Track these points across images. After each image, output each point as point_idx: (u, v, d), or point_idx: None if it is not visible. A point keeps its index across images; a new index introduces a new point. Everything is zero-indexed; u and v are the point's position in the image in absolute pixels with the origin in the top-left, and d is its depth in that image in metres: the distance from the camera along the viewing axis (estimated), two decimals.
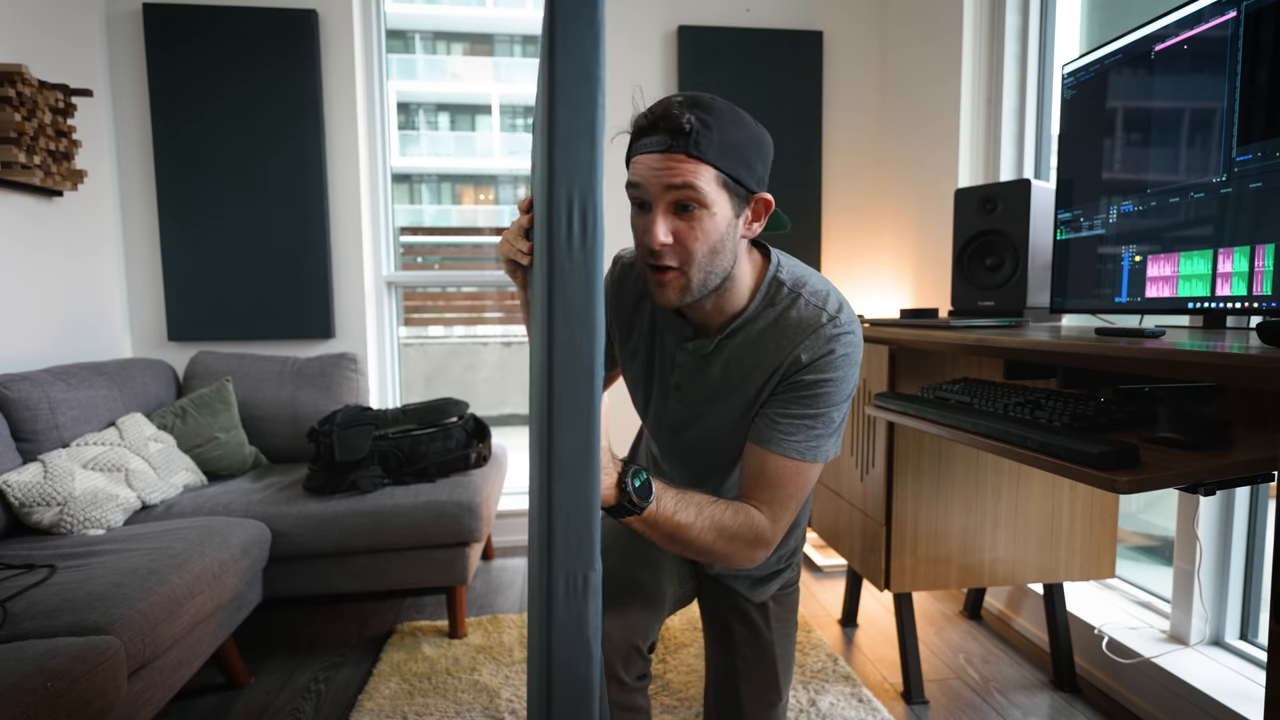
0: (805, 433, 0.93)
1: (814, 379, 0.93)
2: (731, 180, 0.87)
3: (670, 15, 2.61)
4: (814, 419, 0.93)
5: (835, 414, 0.95)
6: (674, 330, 1.04)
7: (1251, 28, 1.03)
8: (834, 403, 0.94)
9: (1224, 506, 1.52)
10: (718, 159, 0.85)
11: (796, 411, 0.93)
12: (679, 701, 1.64)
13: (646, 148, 0.86)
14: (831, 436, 0.96)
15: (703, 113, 0.85)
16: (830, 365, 0.93)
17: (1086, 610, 1.79)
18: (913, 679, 1.67)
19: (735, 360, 0.98)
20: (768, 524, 0.93)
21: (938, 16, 2.34)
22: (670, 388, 1.06)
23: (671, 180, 0.85)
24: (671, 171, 0.85)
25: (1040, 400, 1.12)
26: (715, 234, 0.88)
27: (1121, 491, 0.84)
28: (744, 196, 0.91)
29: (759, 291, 0.98)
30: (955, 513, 1.68)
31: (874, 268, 2.77)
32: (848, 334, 0.94)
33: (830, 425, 0.95)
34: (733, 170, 0.87)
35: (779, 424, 0.94)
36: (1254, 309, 1.05)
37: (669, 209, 0.87)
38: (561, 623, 0.65)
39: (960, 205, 1.80)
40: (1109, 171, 1.33)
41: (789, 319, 0.95)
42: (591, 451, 0.63)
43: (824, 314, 0.95)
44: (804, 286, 0.98)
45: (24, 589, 1.30)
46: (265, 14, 2.41)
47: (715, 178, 0.86)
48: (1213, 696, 1.39)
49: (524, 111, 15.47)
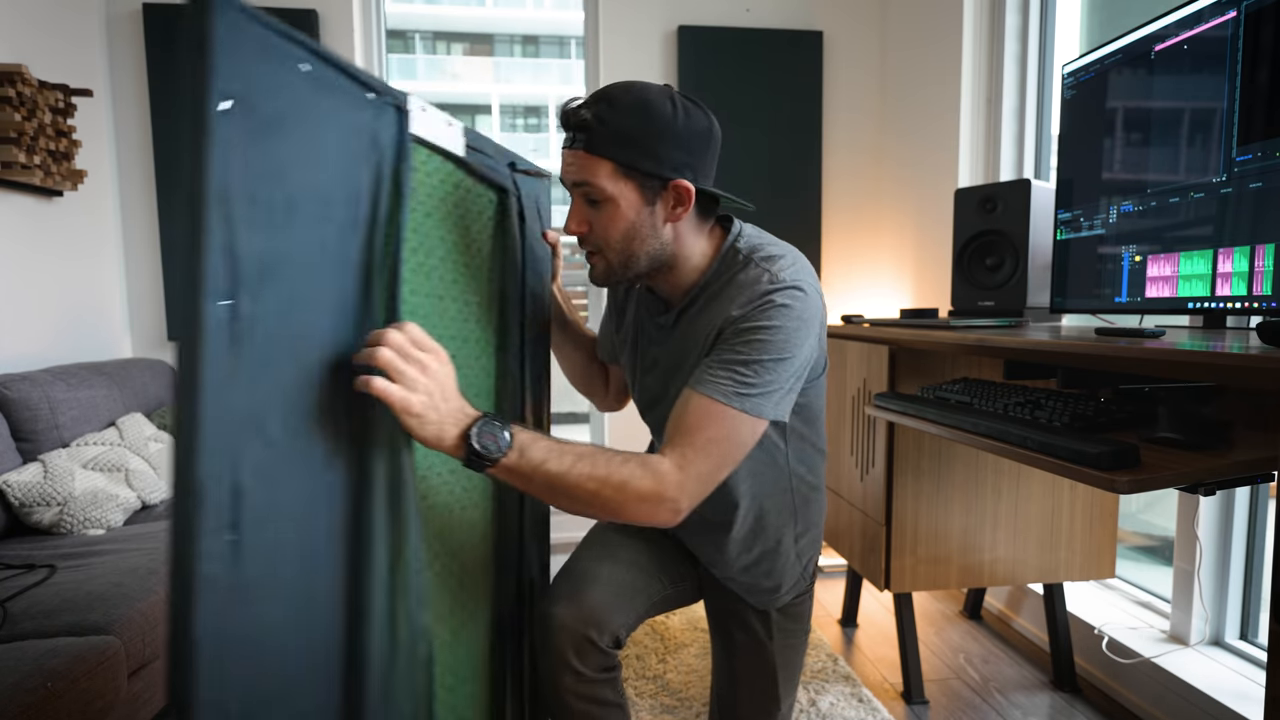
0: (731, 375, 0.87)
1: (748, 325, 0.90)
2: (633, 170, 0.89)
3: (670, 15, 2.61)
4: (744, 365, 0.88)
5: (772, 367, 0.88)
6: (648, 308, 1.09)
7: (1251, 28, 1.03)
8: (768, 353, 0.88)
9: (1224, 506, 1.52)
10: (612, 151, 0.89)
11: (726, 356, 0.89)
12: (679, 701, 1.64)
13: (564, 144, 0.93)
14: (765, 392, 0.88)
15: (604, 106, 0.88)
16: (765, 314, 0.89)
17: (1086, 610, 1.79)
18: (913, 679, 1.68)
19: (689, 326, 1.00)
20: (670, 469, 0.84)
21: (938, 16, 2.34)
22: (649, 364, 1.10)
23: (573, 176, 0.91)
24: (572, 168, 0.91)
25: (1040, 400, 1.12)
26: (624, 222, 0.92)
27: (1121, 491, 0.84)
28: (656, 184, 0.91)
29: (715, 261, 0.99)
30: (955, 513, 1.67)
31: (874, 268, 2.77)
32: (791, 288, 0.91)
33: (762, 376, 0.88)
34: (631, 160, 0.89)
35: (708, 368, 0.89)
36: (1254, 309, 1.05)
37: (580, 200, 0.93)
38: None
39: (960, 205, 1.80)
40: (1109, 171, 1.33)
41: (736, 280, 0.95)
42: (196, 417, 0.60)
43: (767, 273, 0.93)
44: (758, 252, 0.97)
45: (24, 589, 1.30)
46: None
47: (612, 170, 0.89)
48: (1213, 696, 1.39)
49: (524, 111, 15.48)
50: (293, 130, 0.69)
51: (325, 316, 0.73)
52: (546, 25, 15.27)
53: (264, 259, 0.66)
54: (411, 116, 0.84)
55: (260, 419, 0.66)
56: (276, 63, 0.68)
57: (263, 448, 0.66)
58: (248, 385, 0.65)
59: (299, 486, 0.71)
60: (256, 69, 0.66)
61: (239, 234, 0.63)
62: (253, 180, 0.65)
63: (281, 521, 0.69)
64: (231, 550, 0.63)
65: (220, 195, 0.62)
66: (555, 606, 0.99)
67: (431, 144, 0.89)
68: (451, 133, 0.93)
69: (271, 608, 0.68)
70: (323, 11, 2.46)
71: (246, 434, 0.65)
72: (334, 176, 0.74)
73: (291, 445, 0.70)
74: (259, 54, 0.66)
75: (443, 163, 0.93)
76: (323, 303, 0.73)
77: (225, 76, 0.62)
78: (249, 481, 0.64)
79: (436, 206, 0.93)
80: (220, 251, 0.62)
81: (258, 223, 0.66)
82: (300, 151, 0.70)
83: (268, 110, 0.67)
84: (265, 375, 0.67)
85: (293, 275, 0.69)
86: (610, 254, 0.95)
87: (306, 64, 0.71)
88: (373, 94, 0.78)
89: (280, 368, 0.69)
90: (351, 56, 2.50)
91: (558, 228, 1.10)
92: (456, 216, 0.97)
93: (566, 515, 0.91)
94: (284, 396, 0.69)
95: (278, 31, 0.69)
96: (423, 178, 0.90)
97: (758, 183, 2.62)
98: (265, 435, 0.66)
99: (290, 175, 0.69)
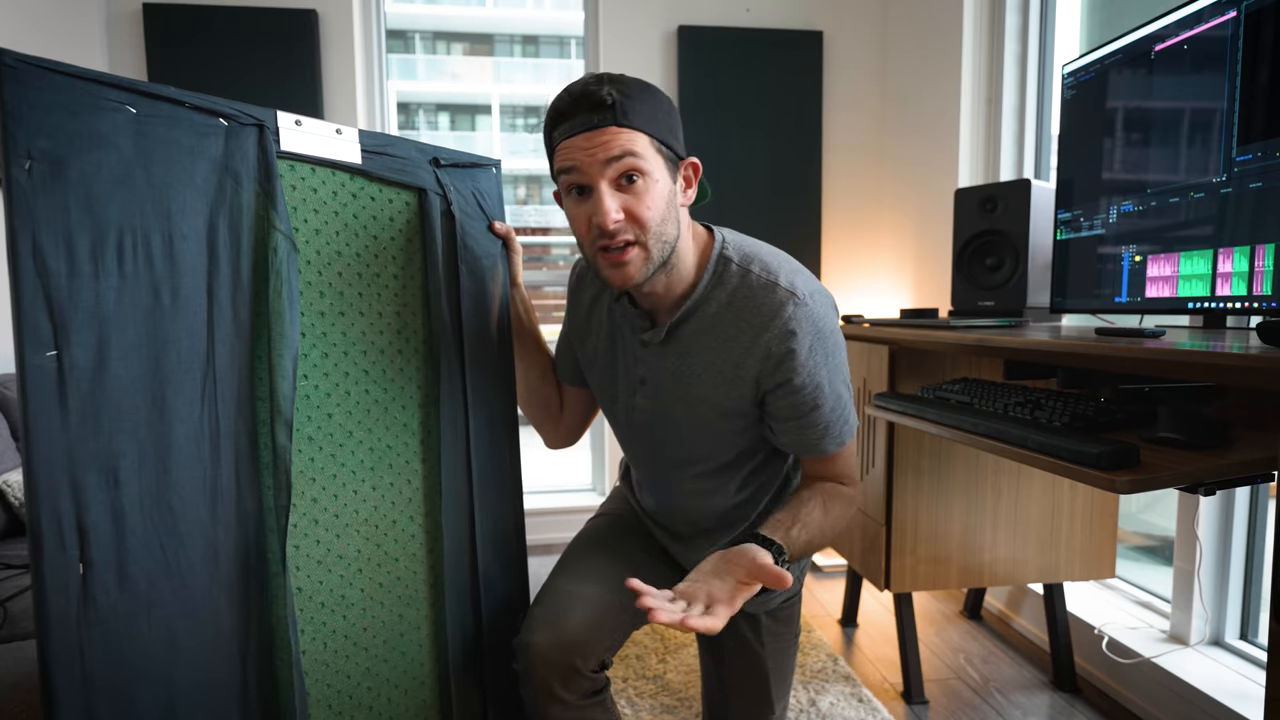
0: (831, 424, 0.95)
1: (799, 382, 0.91)
2: (663, 146, 0.87)
3: (670, 15, 2.61)
4: (820, 409, 0.94)
5: (833, 391, 0.94)
6: (630, 323, 1.00)
7: (1251, 28, 1.03)
8: (830, 383, 0.93)
9: (1224, 506, 1.52)
10: (647, 125, 0.84)
11: (808, 415, 0.94)
12: (679, 701, 1.64)
13: (571, 131, 0.84)
14: (850, 406, 0.98)
15: (620, 85, 0.84)
16: (803, 364, 0.90)
17: (1086, 610, 1.79)
18: (913, 679, 1.67)
19: (696, 349, 0.95)
20: (852, 492, 1.01)
21: (938, 17, 2.34)
22: (635, 383, 1.02)
23: (610, 153, 0.82)
24: (607, 145, 0.82)
25: (1040, 400, 1.12)
26: (662, 201, 0.86)
27: (1121, 491, 0.84)
28: (675, 163, 0.90)
29: (706, 270, 0.93)
30: (955, 513, 1.67)
31: (874, 268, 2.77)
32: (805, 308, 0.90)
33: (841, 400, 0.96)
34: (661, 135, 0.86)
35: (807, 433, 0.95)
36: (1254, 309, 1.05)
37: (613, 184, 0.84)
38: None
39: (960, 205, 1.80)
40: (1109, 171, 1.33)
41: (740, 302, 0.91)
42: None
43: (777, 292, 0.90)
44: (752, 263, 0.93)
45: (24, 589, 1.30)
46: (265, 14, 2.41)
47: (650, 144, 0.85)
48: (1213, 696, 1.39)
49: (524, 111, 15.47)
50: (116, 175, 0.71)
51: (179, 355, 0.75)
52: (546, 25, 15.27)
53: (91, 308, 0.69)
54: (282, 134, 0.85)
55: (104, 462, 0.70)
56: (90, 111, 0.69)
57: (110, 489, 0.70)
58: (84, 432, 0.68)
59: (165, 521, 0.74)
60: (64, 122, 0.68)
61: (58, 286, 0.67)
62: (69, 232, 0.67)
63: (145, 557, 0.72)
64: (81, 585, 0.67)
65: (33, 250, 0.65)
66: (534, 636, 0.93)
67: (312, 158, 0.88)
68: (342, 141, 0.91)
69: (148, 633, 0.73)
70: (322, 11, 2.46)
71: (89, 477, 0.68)
72: (172, 213, 0.75)
73: (157, 481, 0.73)
74: (66, 106, 0.68)
75: (333, 174, 0.91)
76: (172, 342, 0.75)
77: (26, 135, 0.65)
78: (98, 520, 0.69)
79: (328, 221, 0.91)
80: (39, 304, 0.65)
81: (80, 272, 0.68)
82: (127, 195, 0.72)
83: (83, 161, 0.68)
84: (104, 421, 0.69)
85: (129, 320, 0.72)
86: (650, 240, 0.86)
87: (133, 106, 0.73)
88: (225, 120, 0.79)
89: (125, 412, 0.71)
90: (351, 56, 2.50)
91: (524, 225, 1.08)
92: (357, 227, 0.94)
93: (540, 521, 0.92)
94: (134, 439, 0.72)
95: (90, 79, 0.70)
96: (306, 193, 0.89)
97: (758, 183, 2.62)
98: (113, 477, 0.70)
99: (115, 221, 0.71)
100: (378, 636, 0.96)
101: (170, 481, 0.74)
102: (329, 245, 0.92)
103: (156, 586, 0.73)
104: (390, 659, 0.97)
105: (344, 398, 0.93)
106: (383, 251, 0.97)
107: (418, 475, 1.00)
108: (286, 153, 0.86)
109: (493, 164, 1.09)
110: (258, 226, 0.82)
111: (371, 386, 0.95)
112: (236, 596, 0.80)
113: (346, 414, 0.93)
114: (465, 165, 1.05)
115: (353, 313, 0.94)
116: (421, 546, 1.00)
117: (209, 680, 0.78)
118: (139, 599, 0.72)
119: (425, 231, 1.00)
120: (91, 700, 0.68)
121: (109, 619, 0.70)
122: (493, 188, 1.09)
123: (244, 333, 0.80)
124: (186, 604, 0.76)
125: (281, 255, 0.82)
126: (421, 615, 1.00)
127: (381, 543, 0.96)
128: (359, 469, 0.94)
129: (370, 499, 0.95)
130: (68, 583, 0.66)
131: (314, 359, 0.90)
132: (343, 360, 0.93)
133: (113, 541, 0.70)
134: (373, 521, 0.95)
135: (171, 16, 2.38)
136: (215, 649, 0.78)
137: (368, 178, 0.95)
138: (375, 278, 0.96)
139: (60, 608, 0.66)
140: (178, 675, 0.75)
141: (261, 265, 0.82)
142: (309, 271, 0.89)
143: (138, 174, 0.72)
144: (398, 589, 0.98)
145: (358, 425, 0.94)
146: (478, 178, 1.07)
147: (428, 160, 1.00)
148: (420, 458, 1.00)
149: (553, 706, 0.92)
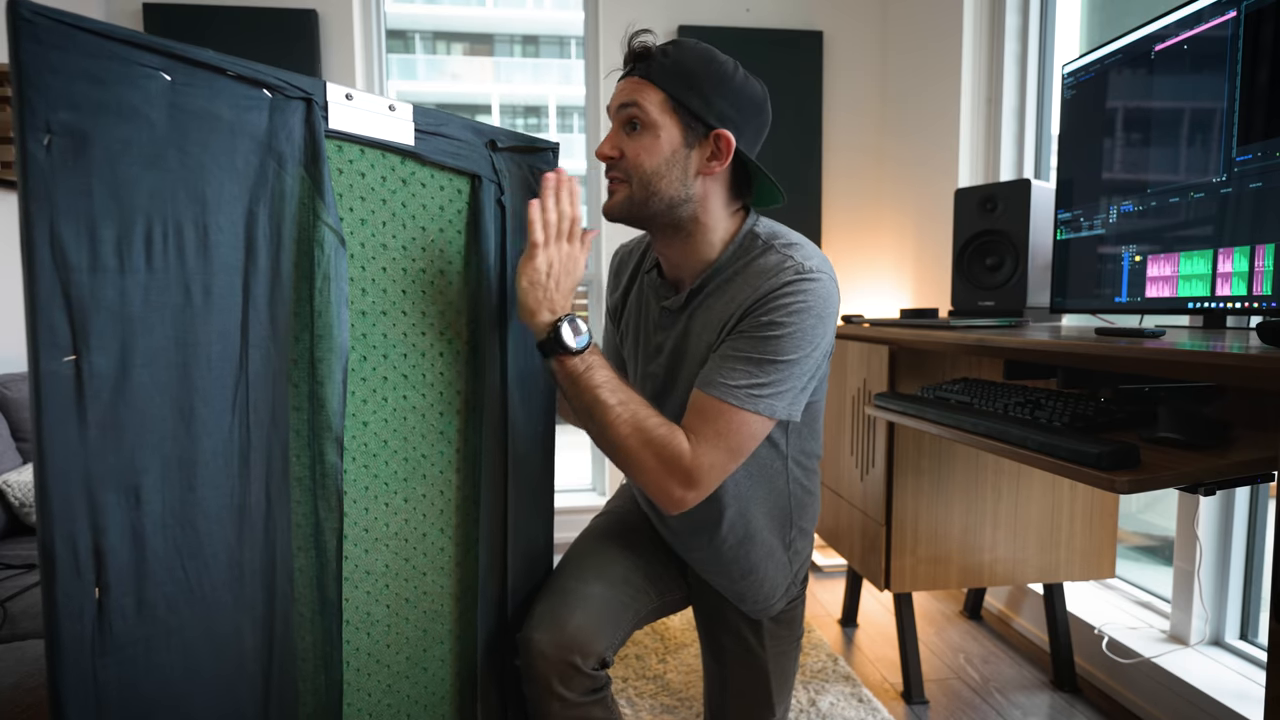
0: (745, 379, 0.88)
1: (765, 320, 0.89)
2: (681, 107, 0.92)
3: (670, 15, 2.61)
4: (758, 365, 0.88)
5: (786, 370, 0.89)
6: (655, 293, 1.07)
7: (1251, 28, 1.03)
8: (784, 353, 0.88)
9: (1224, 506, 1.52)
10: (667, 83, 0.92)
11: (742, 351, 0.89)
12: (679, 701, 1.64)
13: (621, 75, 0.97)
14: (779, 393, 0.89)
15: (670, 45, 0.93)
16: (783, 308, 0.89)
17: (1086, 610, 1.79)
18: (913, 679, 1.68)
19: (704, 313, 0.98)
20: (688, 451, 0.87)
21: (938, 17, 2.34)
22: (653, 351, 1.06)
23: (621, 99, 0.94)
24: (623, 90, 0.94)
25: (1040, 400, 1.12)
26: (659, 154, 0.93)
27: (1121, 491, 0.84)
28: (699, 129, 0.93)
29: (733, 243, 0.99)
30: (955, 513, 1.68)
31: (874, 268, 2.77)
32: (810, 280, 0.90)
33: (776, 376, 0.88)
34: (682, 96, 0.92)
35: (720, 367, 0.90)
36: (1254, 309, 1.05)
37: (619, 126, 0.95)
38: None
39: (960, 205, 1.80)
40: (1109, 171, 1.33)
41: (754, 266, 0.95)
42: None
43: (789, 259, 0.92)
44: (777, 238, 0.97)
45: (24, 589, 1.31)
46: (265, 14, 2.41)
47: (662, 100, 0.92)
48: (1213, 696, 1.39)
49: (524, 111, 15.47)
50: (147, 154, 0.61)
51: (209, 361, 0.67)
52: (546, 25, 15.28)
53: (115, 308, 0.60)
54: (331, 109, 0.75)
55: (124, 479, 0.62)
56: (119, 79, 0.59)
57: (130, 508, 0.62)
58: (104, 446, 0.60)
59: (188, 543, 0.67)
60: (89, 90, 0.56)
61: (78, 282, 0.57)
62: (93, 220, 0.58)
63: (166, 580, 0.66)
64: (97, 611, 0.60)
65: (51, 241, 0.56)
66: (536, 632, 0.93)
67: (363, 138, 0.79)
68: (394, 119, 0.82)
69: (167, 661, 0.66)
70: (322, 12, 2.46)
71: (107, 495, 0.61)
72: (208, 199, 0.66)
73: (181, 500, 0.66)
74: (92, 71, 0.57)
75: (383, 156, 0.82)
76: (203, 346, 0.66)
77: (47, 105, 0.54)
78: (115, 542, 0.61)
79: (375, 210, 0.83)
80: (56, 302, 0.56)
81: (104, 267, 0.59)
82: (158, 178, 0.62)
83: (110, 137, 0.59)
84: (126, 434, 0.62)
85: (157, 321, 0.63)
86: (634, 184, 0.94)
87: (167, 72, 0.62)
88: (269, 91, 0.69)
89: (149, 424, 0.63)
90: (351, 56, 2.50)
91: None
92: (405, 217, 0.86)
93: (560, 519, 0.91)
94: (158, 454, 0.64)
95: (121, 39, 0.58)
96: (354, 178, 0.80)
97: None
98: (133, 495, 0.63)
99: (144, 208, 0.61)
100: (400, 653, 0.91)
101: (195, 500, 0.67)
102: (374, 237, 0.83)
103: (177, 611, 0.67)
104: (412, 675, 0.92)
105: (380, 404, 0.85)
106: (430, 245, 0.88)
107: (451, 486, 0.93)
108: (335, 131, 0.76)
109: (551, 147, 1.01)
110: (301, 216, 0.73)
111: (410, 392, 0.88)
112: (260, 619, 0.74)
113: (382, 422, 0.86)
114: (524, 149, 0.96)
115: (395, 312, 0.86)
116: (450, 560, 0.94)
117: (233, 713, 0.72)
118: (158, 625, 0.65)
119: (477, 223, 0.92)
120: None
121: (126, 646, 0.63)
122: (548, 170, 1.00)
123: (281, 336, 0.72)
124: (208, 630, 0.69)
125: (329, 251, 0.74)
126: (446, 630, 0.95)
127: (410, 556, 0.90)
128: (391, 480, 0.88)
129: (401, 511, 0.89)
130: (83, 609, 0.60)
131: (351, 363, 0.82)
132: (381, 364, 0.85)
133: (132, 565, 0.63)
134: (402, 535, 0.89)
135: (171, 16, 2.38)
136: (238, 676, 0.72)
137: (420, 161, 0.86)
138: (420, 273, 0.88)
139: (74, 635, 0.60)
140: (197, 705, 0.69)
141: (303, 261, 0.73)
142: (352, 266, 0.81)
143: (170, 153, 0.63)
144: (424, 603, 0.92)
145: (393, 434, 0.87)
146: (534, 162, 0.98)
147: (484, 143, 0.92)
148: (454, 467, 0.93)
149: (553, 703, 0.93)
